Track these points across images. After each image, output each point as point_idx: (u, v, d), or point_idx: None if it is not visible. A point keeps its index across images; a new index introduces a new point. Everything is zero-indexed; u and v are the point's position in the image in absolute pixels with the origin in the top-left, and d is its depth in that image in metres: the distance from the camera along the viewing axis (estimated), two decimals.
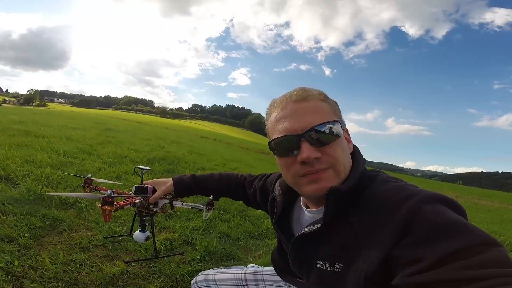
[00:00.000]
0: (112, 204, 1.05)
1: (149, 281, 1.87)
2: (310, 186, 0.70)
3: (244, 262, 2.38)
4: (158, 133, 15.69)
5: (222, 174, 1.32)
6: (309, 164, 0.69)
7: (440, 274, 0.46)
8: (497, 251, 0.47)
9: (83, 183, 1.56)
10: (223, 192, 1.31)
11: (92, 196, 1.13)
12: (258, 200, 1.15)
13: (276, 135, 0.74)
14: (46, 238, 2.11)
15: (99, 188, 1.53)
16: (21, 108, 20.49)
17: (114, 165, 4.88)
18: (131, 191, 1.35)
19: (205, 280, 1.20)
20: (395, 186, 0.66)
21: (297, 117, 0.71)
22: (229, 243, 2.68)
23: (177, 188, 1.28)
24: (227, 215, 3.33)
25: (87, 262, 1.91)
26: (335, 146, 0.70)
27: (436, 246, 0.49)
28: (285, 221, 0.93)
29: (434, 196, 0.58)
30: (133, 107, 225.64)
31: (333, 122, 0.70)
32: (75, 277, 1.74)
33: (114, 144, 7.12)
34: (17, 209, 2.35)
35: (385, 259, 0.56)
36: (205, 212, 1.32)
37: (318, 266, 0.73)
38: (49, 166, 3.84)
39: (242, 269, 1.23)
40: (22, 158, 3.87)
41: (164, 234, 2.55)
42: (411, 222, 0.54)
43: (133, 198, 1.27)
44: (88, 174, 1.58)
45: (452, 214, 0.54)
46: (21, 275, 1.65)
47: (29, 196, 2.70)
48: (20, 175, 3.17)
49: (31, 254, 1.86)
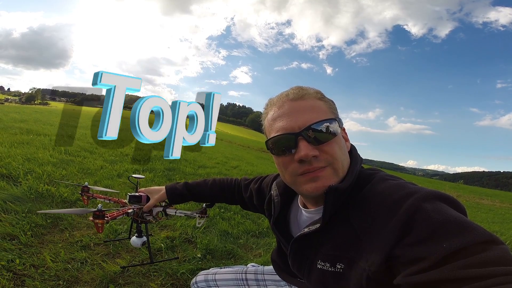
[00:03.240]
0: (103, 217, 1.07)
1: (149, 279, 1.87)
2: (309, 185, 0.70)
3: (245, 260, 2.38)
4: None
5: (215, 180, 1.31)
6: (307, 163, 0.68)
7: (443, 273, 0.46)
8: (499, 249, 0.46)
9: (81, 191, 1.59)
10: (217, 198, 1.30)
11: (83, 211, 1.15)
12: (255, 203, 1.14)
13: (273, 133, 0.74)
14: (47, 236, 2.12)
15: (96, 196, 1.55)
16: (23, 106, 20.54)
17: (115, 163, 4.90)
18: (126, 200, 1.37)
19: (205, 280, 1.19)
20: (394, 184, 0.65)
21: (294, 116, 0.71)
22: (230, 241, 2.68)
23: (170, 196, 1.28)
24: (227, 214, 3.33)
25: (88, 260, 1.92)
26: (333, 144, 0.70)
27: (438, 244, 0.48)
28: (283, 222, 0.92)
29: (434, 194, 0.58)
30: None
31: (330, 121, 0.70)
32: (76, 275, 1.74)
33: (115, 142, 7.11)
34: (18, 207, 2.36)
35: (387, 259, 0.55)
36: (198, 219, 1.33)
37: (319, 266, 0.72)
38: (50, 164, 3.86)
39: (242, 268, 1.22)
40: (24, 156, 3.89)
41: (165, 232, 2.55)
42: (412, 221, 0.54)
43: (126, 208, 1.28)
44: (85, 183, 1.60)
45: (453, 212, 0.53)
46: (22, 273, 1.66)
47: (30, 194, 2.71)
48: (22, 173, 3.19)
49: (33, 252, 1.86)
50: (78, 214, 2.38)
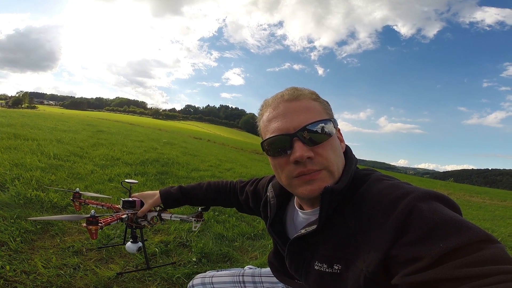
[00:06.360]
0: (96, 223, 1.05)
1: (144, 284, 1.85)
2: (304, 187, 0.70)
3: (241, 263, 2.37)
4: (151, 134, 15.54)
5: (210, 183, 1.30)
6: (302, 164, 0.68)
7: (440, 273, 0.46)
8: (496, 247, 0.47)
9: (72, 197, 1.56)
10: (212, 201, 1.29)
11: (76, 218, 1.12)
12: (251, 205, 1.13)
13: (268, 135, 0.73)
14: (37, 242, 2.07)
15: (88, 201, 1.52)
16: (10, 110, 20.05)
17: (106, 167, 4.82)
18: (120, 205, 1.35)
19: (202, 283, 1.18)
20: (390, 184, 0.65)
21: (289, 117, 0.71)
22: (225, 244, 2.66)
23: (165, 200, 1.27)
24: (222, 216, 3.31)
25: (80, 266, 1.88)
26: (328, 145, 0.70)
27: (434, 244, 0.49)
28: (279, 224, 0.92)
29: (429, 193, 0.58)
30: (125, 108, 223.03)
31: (325, 121, 0.70)
32: (69, 281, 1.71)
33: (106, 146, 7.02)
34: (7, 213, 2.30)
35: (384, 259, 0.56)
36: (194, 224, 1.32)
37: (316, 268, 0.72)
38: (39, 169, 3.77)
39: (239, 270, 1.22)
40: (11, 162, 3.79)
41: (159, 237, 2.52)
42: (408, 221, 0.54)
43: (120, 214, 1.26)
44: (76, 189, 1.57)
45: (448, 211, 0.54)
46: (13, 279, 1.61)
47: (19, 200, 2.65)
48: (9, 179, 3.11)
49: (23, 258, 1.82)
50: (70, 221, 2.33)
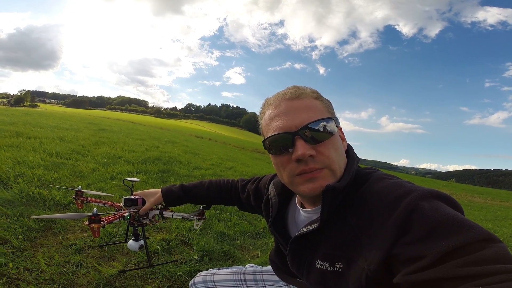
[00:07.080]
0: (99, 222, 1.06)
1: (146, 282, 1.86)
2: (306, 186, 0.70)
3: (242, 261, 2.38)
4: (153, 133, 15.56)
5: (212, 182, 1.30)
6: (304, 163, 0.68)
7: (442, 272, 0.46)
8: (498, 247, 0.46)
9: (74, 195, 1.57)
10: (214, 200, 1.29)
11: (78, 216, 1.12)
12: (253, 203, 1.13)
13: (270, 133, 0.73)
14: (40, 240, 2.08)
15: (90, 200, 1.53)
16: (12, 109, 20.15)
17: (108, 165, 4.83)
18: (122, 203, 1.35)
19: (203, 282, 1.18)
20: (392, 183, 0.65)
21: (291, 115, 0.71)
22: (227, 242, 2.67)
23: (166, 199, 1.28)
24: (224, 215, 3.32)
25: (83, 264, 1.89)
26: (330, 144, 0.70)
27: (436, 243, 0.49)
28: (281, 222, 0.92)
29: (431, 192, 0.58)
30: (127, 107, 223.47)
31: (327, 120, 0.70)
32: (71, 279, 1.72)
33: (108, 144, 7.05)
34: (10, 210, 2.32)
35: (386, 257, 0.56)
36: (195, 222, 1.32)
37: (318, 266, 0.72)
38: (41, 167, 3.79)
39: (241, 269, 1.22)
40: (14, 160, 3.81)
41: (160, 235, 2.53)
42: (410, 219, 0.54)
43: (122, 212, 1.27)
44: (78, 187, 1.58)
45: (450, 210, 0.54)
46: (16, 277, 1.62)
47: (21, 197, 2.66)
48: (12, 177, 3.13)
49: (26, 256, 1.83)
50: (73, 219, 2.34)
